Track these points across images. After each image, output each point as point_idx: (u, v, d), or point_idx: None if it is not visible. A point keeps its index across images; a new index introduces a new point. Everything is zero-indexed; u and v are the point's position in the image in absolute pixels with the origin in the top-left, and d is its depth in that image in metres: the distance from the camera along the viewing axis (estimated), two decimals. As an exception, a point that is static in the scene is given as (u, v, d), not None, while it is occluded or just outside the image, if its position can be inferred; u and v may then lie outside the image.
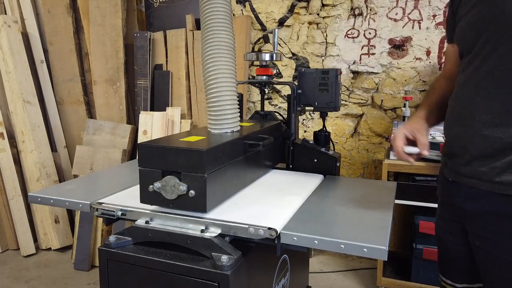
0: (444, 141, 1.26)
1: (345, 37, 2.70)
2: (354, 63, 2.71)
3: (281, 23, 2.83)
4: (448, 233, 1.23)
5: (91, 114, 3.17)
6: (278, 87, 2.94)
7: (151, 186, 1.09)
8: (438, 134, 2.21)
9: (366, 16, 2.62)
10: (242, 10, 2.91)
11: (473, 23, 1.06)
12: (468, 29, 1.08)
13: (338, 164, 1.58)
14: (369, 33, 2.63)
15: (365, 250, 0.93)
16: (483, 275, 1.13)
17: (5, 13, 3.13)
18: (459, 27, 1.13)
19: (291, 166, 1.64)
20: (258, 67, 1.68)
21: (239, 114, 1.38)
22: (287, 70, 2.89)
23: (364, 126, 2.75)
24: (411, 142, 1.17)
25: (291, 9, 2.79)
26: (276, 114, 1.73)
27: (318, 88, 1.62)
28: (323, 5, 2.71)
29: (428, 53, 2.53)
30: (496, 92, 1.01)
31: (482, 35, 1.03)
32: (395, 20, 2.57)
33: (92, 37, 2.95)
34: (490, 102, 1.02)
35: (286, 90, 2.90)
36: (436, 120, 1.26)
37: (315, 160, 1.59)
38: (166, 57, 2.96)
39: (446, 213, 1.23)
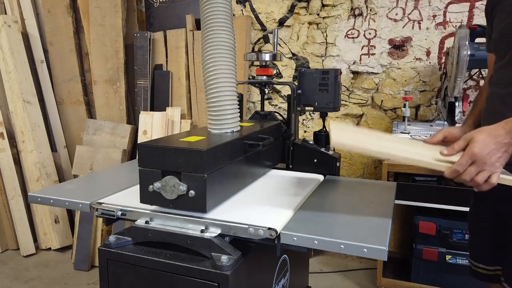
0: None
1: (345, 37, 2.70)
2: (354, 63, 2.71)
3: (281, 23, 2.83)
4: (482, 220, 1.33)
5: (91, 114, 3.17)
6: (278, 87, 2.94)
7: (151, 186, 1.09)
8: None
9: (366, 17, 2.62)
10: (242, 10, 2.91)
11: (506, 34, 1.18)
12: (501, 39, 1.20)
13: (338, 164, 1.58)
14: (369, 33, 2.63)
15: (365, 250, 0.93)
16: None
17: (5, 13, 3.13)
18: (493, 38, 1.25)
19: (291, 166, 1.64)
20: (258, 67, 1.68)
21: (239, 114, 1.38)
22: (287, 70, 2.89)
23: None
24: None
25: (291, 9, 2.79)
26: (276, 114, 1.73)
27: (318, 88, 1.62)
28: (323, 5, 2.71)
29: (428, 53, 2.53)
30: None
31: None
32: (395, 20, 2.57)
33: (92, 37, 2.95)
34: None
35: (286, 90, 2.90)
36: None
37: (315, 160, 1.58)
38: (166, 57, 2.96)
39: (480, 203, 1.34)
